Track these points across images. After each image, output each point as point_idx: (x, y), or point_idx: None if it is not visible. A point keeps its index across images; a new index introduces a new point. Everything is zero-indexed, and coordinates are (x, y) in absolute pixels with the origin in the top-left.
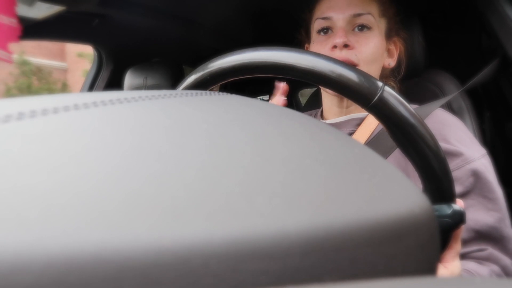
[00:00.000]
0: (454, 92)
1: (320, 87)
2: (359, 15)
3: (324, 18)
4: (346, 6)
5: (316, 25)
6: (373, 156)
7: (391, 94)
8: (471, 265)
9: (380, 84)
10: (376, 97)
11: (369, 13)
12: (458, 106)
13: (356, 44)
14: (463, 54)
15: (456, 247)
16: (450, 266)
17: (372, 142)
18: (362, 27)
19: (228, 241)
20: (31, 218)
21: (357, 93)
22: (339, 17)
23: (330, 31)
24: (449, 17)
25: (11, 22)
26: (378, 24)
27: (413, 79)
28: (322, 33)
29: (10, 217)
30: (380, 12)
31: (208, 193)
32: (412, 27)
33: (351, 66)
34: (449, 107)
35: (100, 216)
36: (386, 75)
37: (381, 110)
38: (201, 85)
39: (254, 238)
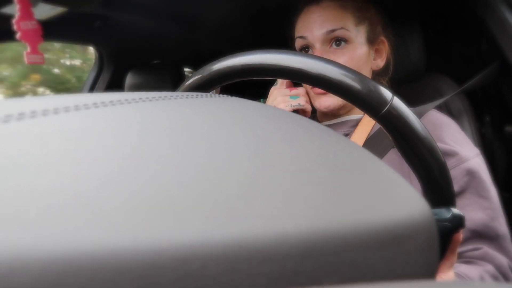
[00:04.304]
0: (452, 94)
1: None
2: (332, 31)
3: (301, 37)
4: (320, 24)
5: (297, 44)
6: (372, 159)
7: (400, 106)
8: (462, 267)
9: (390, 95)
10: (386, 109)
11: (342, 28)
12: (457, 109)
13: None
14: (463, 58)
15: (452, 258)
16: (445, 276)
17: (368, 143)
18: (339, 42)
19: (227, 243)
20: (30, 219)
21: (366, 102)
22: (313, 37)
23: (310, 50)
24: (449, 22)
25: (33, 24)
26: (357, 34)
27: (413, 83)
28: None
29: (9, 217)
30: (357, 20)
31: (208, 195)
32: (413, 31)
33: (362, 75)
34: (448, 110)
35: (99, 217)
36: (377, 77)
37: (390, 121)
38: (204, 86)
39: (253, 241)
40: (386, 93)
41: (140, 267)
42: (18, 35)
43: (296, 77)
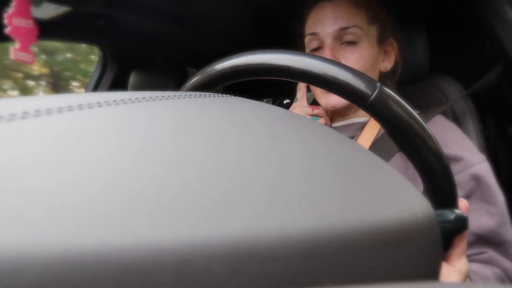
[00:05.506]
0: (457, 97)
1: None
2: (345, 28)
3: (312, 34)
4: (333, 20)
5: (307, 41)
6: (376, 160)
7: (387, 92)
8: (474, 265)
9: (376, 83)
10: (373, 96)
11: (355, 26)
12: (461, 111)
13: (343, 60)
14: (467, 59)
15: (462, 246)
16: (457, 264)
17: (374, 146)
18: (350, 41)
19: (229, 243)
20: (34, 218)
21: (353, 92)
22: (325, 33)
23: (320, 49)
24: (453, 23)
25: (28, 24)
26: (368, 33)
27: (417, 84)
28: (313, 52)
29: (12, 216)
30: (369, 20)
31: (210, 195)
32: (416, 33)
33: (347, 66)
34: (452, 112)
35: (102, 216)
36: (384, 79)
37: (378, 109)
38: (204, 87)
39: (255, 241)
40: (372, 81)
41: (143, 265)
42: (8, 30)
43: (282, 75)
